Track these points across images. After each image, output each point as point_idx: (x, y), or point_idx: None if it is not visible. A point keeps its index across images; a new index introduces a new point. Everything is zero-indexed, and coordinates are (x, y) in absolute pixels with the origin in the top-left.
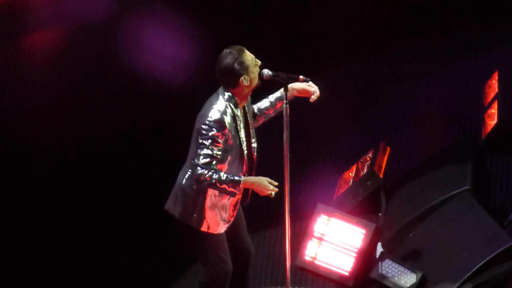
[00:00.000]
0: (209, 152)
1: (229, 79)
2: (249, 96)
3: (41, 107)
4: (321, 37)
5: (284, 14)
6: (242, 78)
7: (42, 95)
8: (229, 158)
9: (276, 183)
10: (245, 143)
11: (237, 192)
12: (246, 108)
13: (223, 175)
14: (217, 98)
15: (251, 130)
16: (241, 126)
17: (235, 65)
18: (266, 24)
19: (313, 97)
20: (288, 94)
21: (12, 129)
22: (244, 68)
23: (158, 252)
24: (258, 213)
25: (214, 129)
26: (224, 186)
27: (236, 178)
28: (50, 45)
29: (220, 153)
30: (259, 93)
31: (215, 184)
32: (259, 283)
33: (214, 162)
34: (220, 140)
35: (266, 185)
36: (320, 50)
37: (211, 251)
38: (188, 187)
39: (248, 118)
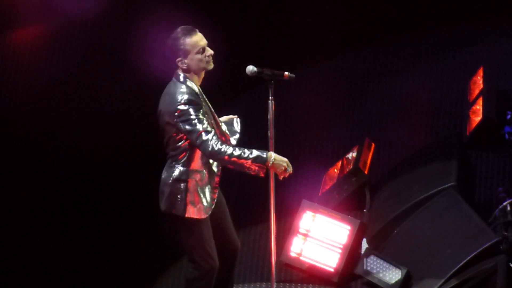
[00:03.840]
0: (201, 127)
1: (168, 56)
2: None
3: (30, 103)
4: (305, 32)
5: (270, 9)
6: (178, 60)
7: (31, 91)
8: None
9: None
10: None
11: (259, 171)
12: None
13: (237, 149)
14: (175, 84)
15: (214, 112)
16: (207, 102)
17: (173, 45)
18: (251, 19)
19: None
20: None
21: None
22: (182, 51)
23: (143, 249)
24: (243, 209)
25: (190, 109)
26: (243, 161)
27: (257, 153)
28: (40, 40)
29: (208, 124)
30: (243, 92)
31: (232, 161)
32: (244, 279)
33: (212, 133)
34: (201, 116)
35: (287, 164)
36: (304, 46)
37: (198, 246)
38: (167, 178)
39: (208, 102)
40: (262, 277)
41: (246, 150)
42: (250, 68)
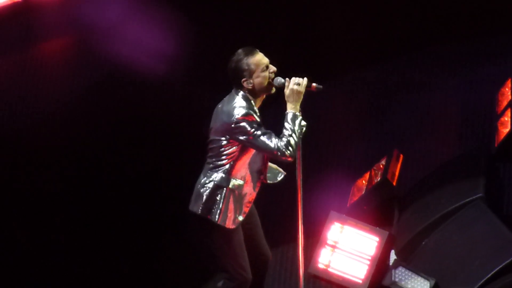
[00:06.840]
0: (259, 132)
1: (232, 79)
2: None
3: (53, 114)
4: (333, 44)
5: (296, 21)
6: (243, 80)
7: (53, 102)
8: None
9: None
10: None
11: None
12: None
13: (283, 137)
14: (234, 98)
15: None
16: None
17: (237, 66)
18: (277, 31)
19: None
20: None
21: (25, 136)
22: (246, 71)
23: (170, 259)
24: (271, 221)
25: (246, 120)
26: (295, 137)
27: (288, 119)
28: (60, 52)
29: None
30: (269, 104)
31: (292, 149)
32: None
33: (272, 135)
34: (257, 125)
35: (302, 85)
36: (333, 57)
37: (230, 256)
38: (208, 181)
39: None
40: None
41: (288, 128)
42: (278, 80)
